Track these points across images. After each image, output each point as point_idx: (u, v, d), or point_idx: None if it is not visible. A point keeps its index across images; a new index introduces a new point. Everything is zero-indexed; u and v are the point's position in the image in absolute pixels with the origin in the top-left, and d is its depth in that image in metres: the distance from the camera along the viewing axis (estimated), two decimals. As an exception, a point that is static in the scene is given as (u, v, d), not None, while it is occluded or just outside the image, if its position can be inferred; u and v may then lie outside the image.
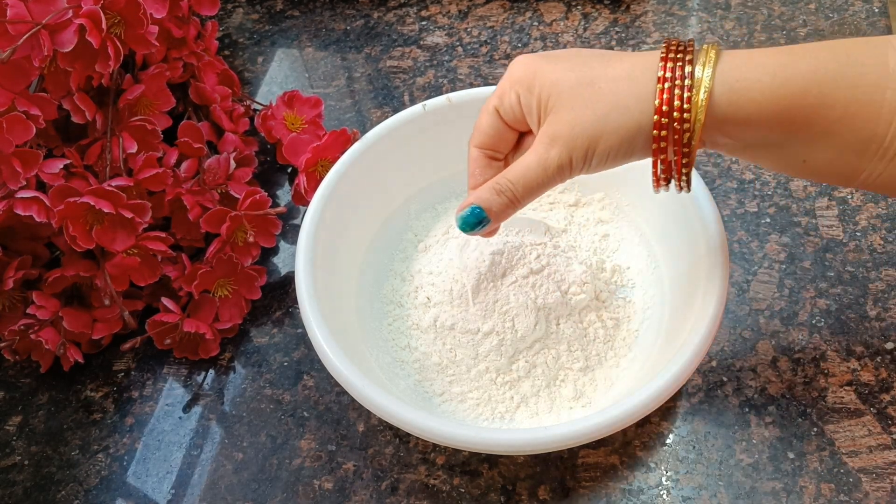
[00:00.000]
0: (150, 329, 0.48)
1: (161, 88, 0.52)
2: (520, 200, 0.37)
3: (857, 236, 0.50)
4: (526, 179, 0.36)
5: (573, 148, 0.34)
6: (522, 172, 0.36)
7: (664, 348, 0.42)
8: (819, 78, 0.31)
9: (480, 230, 0.38)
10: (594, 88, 0.34)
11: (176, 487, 0.45)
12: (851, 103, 0.31)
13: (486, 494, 0.43)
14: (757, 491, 0.41)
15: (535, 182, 0.36)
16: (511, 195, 0.36)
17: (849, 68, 0.31)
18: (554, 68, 0.35)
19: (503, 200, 0.37)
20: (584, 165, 0.35)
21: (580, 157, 0.35)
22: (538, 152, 0.35)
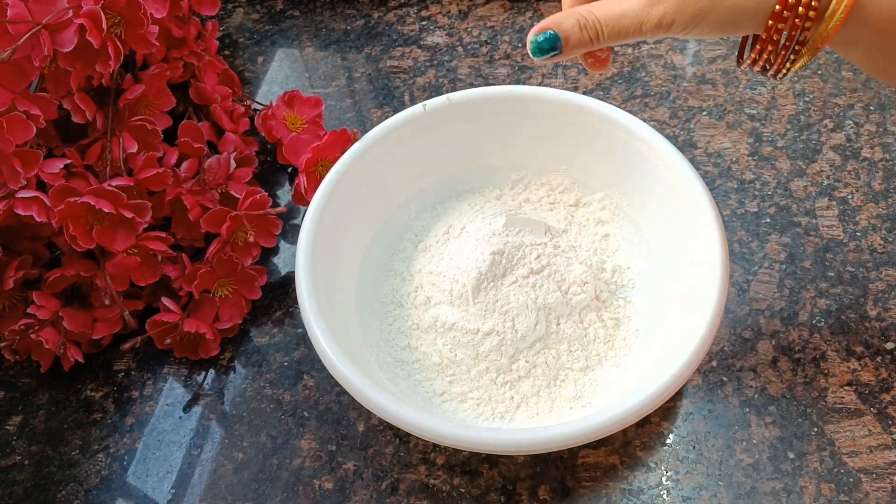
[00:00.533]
0: (150, 329, 0.48)
1: (161, 88, 0.52)
2: (601, 42, 0.35)
3: (858, 236, 0.50)
4: (617, 25, 0.34)
5: (679, 11, 0.33)
6: (616, 17, 0.34)
7: (664, 348, 0.42)
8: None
9: (549, 57, 0.36)
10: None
11: (176, 487, 0.45)
12: None
13: (486, 494, 0.43)
14: (757, 491, 0.41)
15: (626, 31, 0.34)
16: (594, 34, 0.35)
17: None
18: None
19: (584, 36, 0.35)
20: (683, 31, 0.34)
21: (683, 22, 0.33)
22: (640, 2, 0.34)
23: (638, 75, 0.62)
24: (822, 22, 0.32)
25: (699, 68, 0.62)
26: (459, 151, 0.52)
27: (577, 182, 0.52)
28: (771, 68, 0.35)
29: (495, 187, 0.53)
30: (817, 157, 0.55)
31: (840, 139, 0.56)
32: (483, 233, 0.46)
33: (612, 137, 0.48)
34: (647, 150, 0.46)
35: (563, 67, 0.63)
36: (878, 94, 0.58)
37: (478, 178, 0.53)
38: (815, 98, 0.59)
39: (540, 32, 0.36)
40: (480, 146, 0.52)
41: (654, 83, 0.61)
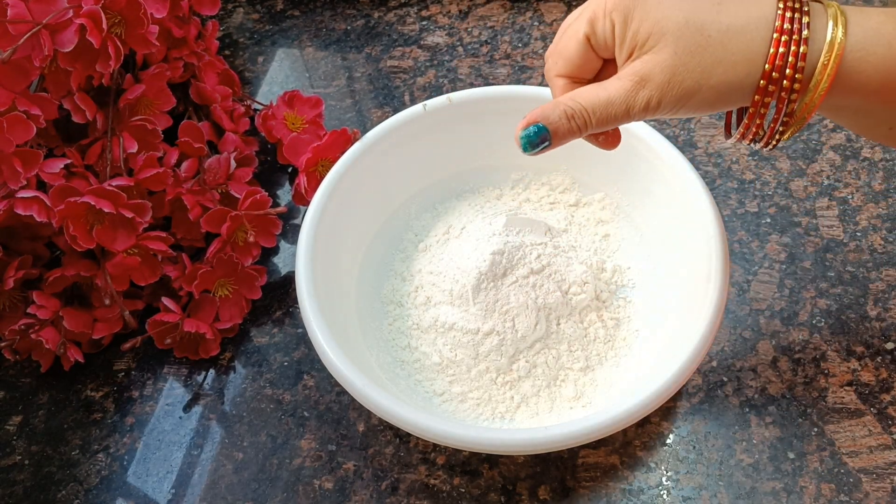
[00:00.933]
0: (150, 329, 0.48)
1: (161, 88, 0.52)
2: (590, 129, 0.35)
3: (858, 236, 0.50)
4: (605, 112, 0.34)
5: (665, 94, 0.33)
6: (603, 104, 0.34)
7: (665, 348, 0.42)
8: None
9: (540, 150, 0.36)
10: (703, 36, 0.32)
11: (176, 487, 0.45)
12: None
13: (486, 494, 0.43)
14: (757, 491, 0.41)
15: (615, 117, 0.34)
16: (582, 122, 0.35)
17: None
18: (656, 3, 0.33)
19: (572, 126, 0.35)
20: (671, 112, 0.34)
21: (669, 104, 0.33)
22: (625, 88, 0.34)
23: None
24: (807, 92, 0.32)
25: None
26: (460, 151, 0.52)
27: (577, 182, 0.52)
28: (761, 140, 0.35)
29: (495, 187, 0.53)
30: (817, 157, 0.55)
31: (840, 139, 0.56)
32: (483, 233, 0.46)
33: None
34: (647, 151, 0.46)
35: (564, 67, 0.63)
36: (879, 95, 0.58)
37: (478, 178, 0.53)
38: (816, 98, 0.59)
39: (529, 126, 0.36)
40: (481, 146, 0.52)
41: (655, 83, 0.61)
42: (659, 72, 0.33)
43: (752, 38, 0.32)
